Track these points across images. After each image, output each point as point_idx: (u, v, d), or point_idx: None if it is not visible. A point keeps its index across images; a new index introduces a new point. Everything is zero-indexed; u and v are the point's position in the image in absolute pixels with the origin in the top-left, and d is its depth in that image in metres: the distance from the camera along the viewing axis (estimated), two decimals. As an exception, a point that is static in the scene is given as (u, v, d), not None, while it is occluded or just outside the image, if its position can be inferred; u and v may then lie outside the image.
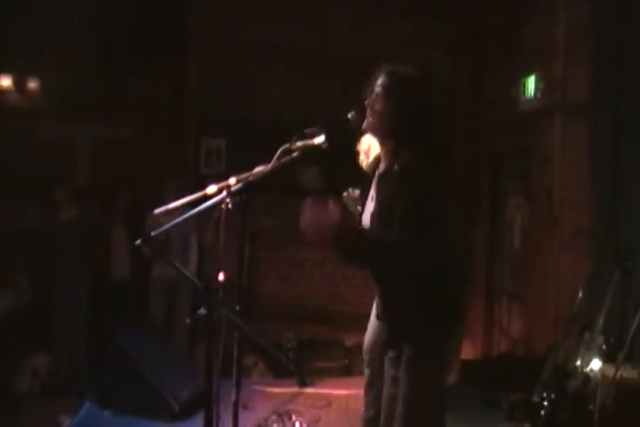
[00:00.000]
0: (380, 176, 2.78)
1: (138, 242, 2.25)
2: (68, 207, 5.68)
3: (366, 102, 2.70)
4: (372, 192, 2.82)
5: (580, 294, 4.31)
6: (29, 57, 6.05)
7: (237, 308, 2.43)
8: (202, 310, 2.25)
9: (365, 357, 3.70)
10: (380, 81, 2.68)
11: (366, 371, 3.73)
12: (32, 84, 6.25)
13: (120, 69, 6.18)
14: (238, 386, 2.41)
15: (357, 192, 3.27)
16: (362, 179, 3.23)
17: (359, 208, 3.24)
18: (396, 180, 2.60)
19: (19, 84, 6.21)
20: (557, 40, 5.13)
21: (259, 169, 2.67)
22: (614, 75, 4.59)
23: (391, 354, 2.79)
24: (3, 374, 5.44)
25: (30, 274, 5.93)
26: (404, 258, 2.52)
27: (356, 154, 3.10)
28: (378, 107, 2.67)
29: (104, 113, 6.17)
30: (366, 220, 2.80)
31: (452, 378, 4.94)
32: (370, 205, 2.82)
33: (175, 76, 6.30)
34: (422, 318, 2.64)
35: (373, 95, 2.69)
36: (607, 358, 3.96)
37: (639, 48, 4.34)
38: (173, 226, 2.48)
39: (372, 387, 3.76)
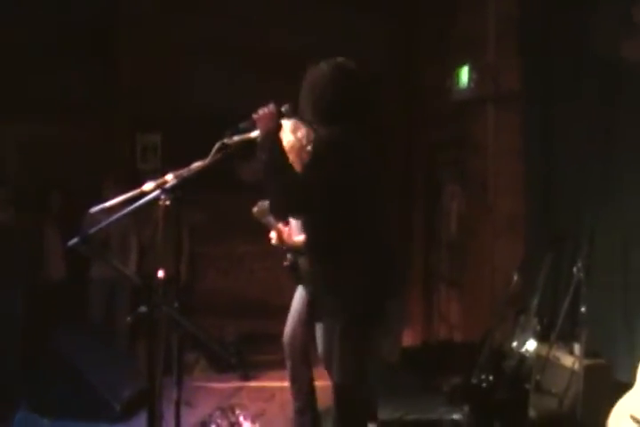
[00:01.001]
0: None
1: (73, 241, 2.22)
2: (5, 208, 5.53)
3: (283, 110, 2.81)
4: None
5: (515, 278, 4.43)
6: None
7: (177, 305, 2.42)
8: (142, 308, 2.23)
9: (286, 349, 3.75)
10: (312, 72, 2.86)
11: (288, 363, 3.78)
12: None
13: (50, 67, 6.01)
14: (180, 384, 2.40)
15: (266, 203, 3.39)
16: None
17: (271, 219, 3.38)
18: (315, 148, 2.81)
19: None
20: (489, 31, 5.23)
21: (196, 165, 2.67)
22: (543, 64, 4.71)
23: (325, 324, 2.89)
24: None
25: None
26: (293, 188, 2.65)
27: None
28: (311, 96, 2.82)
29: (34, 112, 5.99)
30: None
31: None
32: None
33: (106, 72, 6.16)
34: (357, 290, 2.74)
35: (307, 85, 2.84)
36: (541, 339, 4.10)
37: (565, 38, 4.46)
38: (111, 224, 2.46)
39: (295, 380, 3.81)
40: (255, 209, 3.70)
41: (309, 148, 3.15)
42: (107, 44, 6.18)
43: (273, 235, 3.76)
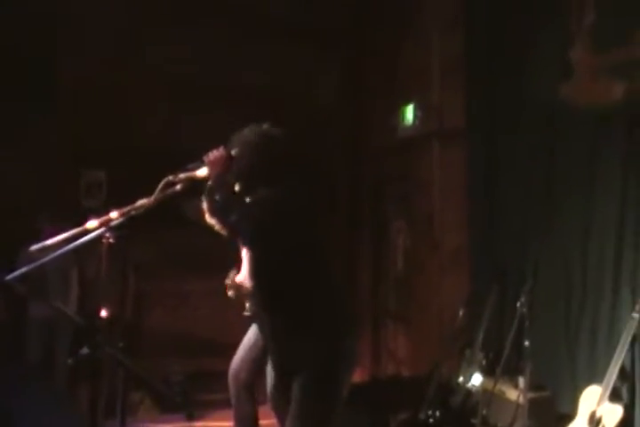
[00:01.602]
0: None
1: (8, 277, 2.15)
2: None
3: (233, 153, 2.81)
4: None
5: (461, 313, 4.48)
6: None
7: (121, 344, 2.37)
8: (84, 350, 2.17)
9: (231, 384, 3.70)
10: (242, 137, 2.86)
11: (232, 400, 3.72)
12: None
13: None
14: (123, 425, 2.34)
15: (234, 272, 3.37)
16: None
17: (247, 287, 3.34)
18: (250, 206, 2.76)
19: None
20: (433, 69, 5.36)
21: (141, 202, 2.64)
22: (486, 101, 4.85)
23: (270, 389, 2.81)
24: None
25: None
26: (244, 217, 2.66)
27: None
28: (242, 160, 2.80)
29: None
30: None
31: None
32: None
33: (48, 106, 6.05)
34: (313, 347, 2.67)
35: (237, 150, 2.83)
36: (487, 373, 4.14)
37: (507, 76, 4.61)
38: (51, 262, 2.40)
39: (239, 417, 3.76)
40: (228, 281, 3.71)
41: None
42: (49, 77, 6.09)
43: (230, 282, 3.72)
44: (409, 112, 5.56)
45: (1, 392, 4.48)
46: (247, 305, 3.75)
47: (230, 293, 3.74)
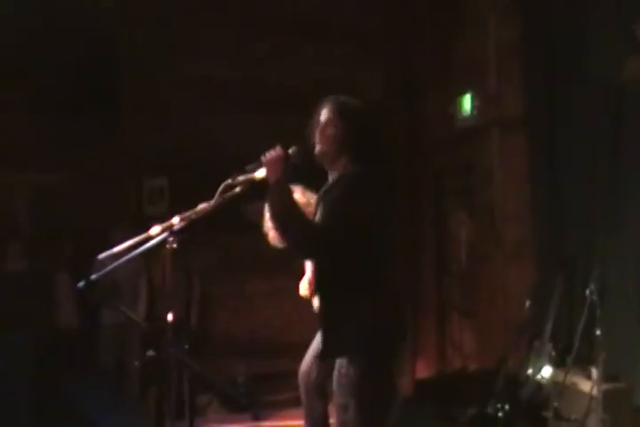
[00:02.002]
0: (325, 192, 2.85)
1: (80, 285, 2.22)
2: (17, 260, 5.60)
3: (316, 130, 2.79)
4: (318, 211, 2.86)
5: (527, 304, 4.39)
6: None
7: (186, 347, 2.41)
8: (150, 353, 2.21)
9: (301, 384, 3.71)
10: (327, 108, 2.83)
11: (303, 399, 3.73)
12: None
13: (54, 114, 6.08)
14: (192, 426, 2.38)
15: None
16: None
17: None
18: (338, 186, 2.73)
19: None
20: (489, 57, 5.26)
21: (202, 206, 2.68)
22: (546, 87, 4.74)
23: (336, 381, 2.80)
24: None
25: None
26: (309, 237, 2.60)
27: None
28: (328, 131, 2.79)
29: (42, 160, 6.06)
30: None
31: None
32: None
33: (110, 116, 6.21)
34: (362, 334, 2.66)
35: (322, 122, 2.81)
36: (557, 364, 4.04)
37: (567, 59, 4.49)
38: (119, 269, 2.47)
39: (309, 416, 3.76)
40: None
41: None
42: (112, 88, 6.24)
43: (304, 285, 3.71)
44: (466, 102, 5.47)
45: (77, 397, 4.64)
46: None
47: (303, 292, 3.70)
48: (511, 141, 5.13)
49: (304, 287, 3.66)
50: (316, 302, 3.69)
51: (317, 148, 2.80)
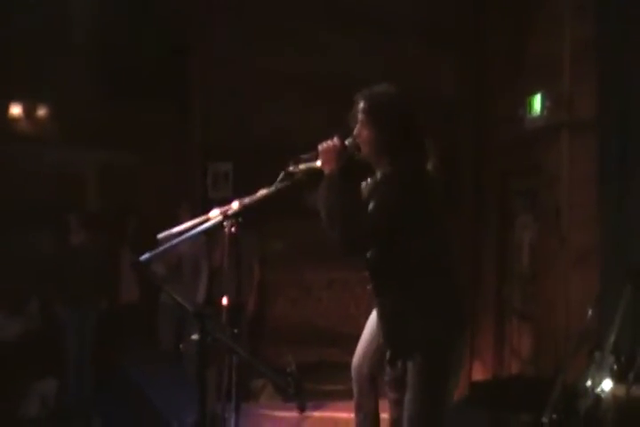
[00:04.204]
0: (371, 190, 2.82)
1: (141, 259, 2.26)
2: (78, 233, 5.74)
3: (354, 132, 2.76)
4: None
5: (590, 313, 4.26)
6: (38, 85, 6.14)
7: (236, 331, 2.42)
8: (194, 336, 2.23)
9: (353, 376, 3.68)
10: (359, 108, 2.78)
11: (355, 391, 3.70)
12: (41, 112, 6.34)
13: (126, 96, 6.25)
14: (237, 410, 2.39)
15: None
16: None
17: None
18: (383, 184, 2.70)
19: (28, 111, 6.29)
20: (563, 57, 5.13)
21: (261, 192, 2.69)
22: (619, 90, 4.58)
23: (388, 376, 2.78)
24: (12, 398, 5.45)
25: (40, 300, 5.95)
26: (360, 230, 2.57)
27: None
28: (363, 134, 2.74)
29: (111, 140, 6.24)
30: None
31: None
32: None
33: (180, 100, 6.36)
34: (425, 329, 2.65)
35: (357, 124, 2.76)
36: (618, 378, 3.90)
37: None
38: (183, 248, 2.51)
39: (360, 409, 3.73)
40: None
41: None
42: (181, 73, 6.38)
43: None
44: (536, 102, 5.35)
45: (136, 375, 4.75)
46: None
47: None
48: (581, 144, 4.99)
49: None
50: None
51: (361, 147, 2.77)
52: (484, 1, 6.48)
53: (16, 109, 6.29)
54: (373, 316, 3.74)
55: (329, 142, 2.70)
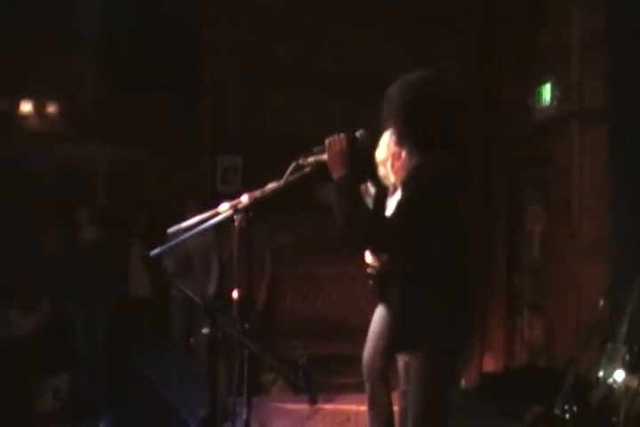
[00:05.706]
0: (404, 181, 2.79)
1: (151, 253, 2.26)
2: (88, 228, 5.75)
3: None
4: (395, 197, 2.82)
5: (601, 304, 4.24)
6: (47, 82, 6.15)
7: (247, 326, 2.42)
8: (205, 330, 2.24)
9: (365, 371, 3.67)
10: (387, 106, 2.73)
11: (367, 386, 3.70)
12: (51, 109, 6.35)
13: (134, 90, 6.26)
14: (249, 404, 2.40)
15: (373, 190, 3.27)
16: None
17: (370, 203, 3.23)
18: (411, 175, 2.66)
19: (38, 108, 6.30)
20: (572, 46, 5.10)
21: (271, 186, 2.67)
22: (630, 79, 4.54)
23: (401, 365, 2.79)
24: (25, 393, 5.48)
25: (51, 296, 5.98)
26: (373, 232, 2.56)
27: (374, 166, 3.13)
28: (395, 131, 2.73)
29: (120, 134, 6.24)
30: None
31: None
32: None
33: (188, 94, 6.36)
34: (432, 329, 2.63)
35: (388, 112, 2.72)
36: (630, 369, 3.89)
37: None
38: (192, 243, 2.51)
39: (374, 404, 3.73)
40: (362, 187, 3.52)
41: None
42: (190, 67, 6.37)
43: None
44: (546, 92, 5.32)
45: (148, 368, 4.77)
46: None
47: (363, 187, 3.58)
48: (591, 134, 4.95)
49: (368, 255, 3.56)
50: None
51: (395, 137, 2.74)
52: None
53: (26, 106, 6.31)
54: (379, 311, 3.74)
55: (335, 137, 2.66)
